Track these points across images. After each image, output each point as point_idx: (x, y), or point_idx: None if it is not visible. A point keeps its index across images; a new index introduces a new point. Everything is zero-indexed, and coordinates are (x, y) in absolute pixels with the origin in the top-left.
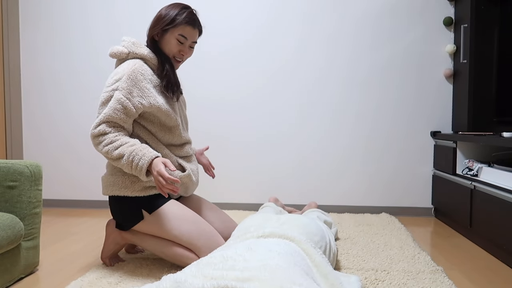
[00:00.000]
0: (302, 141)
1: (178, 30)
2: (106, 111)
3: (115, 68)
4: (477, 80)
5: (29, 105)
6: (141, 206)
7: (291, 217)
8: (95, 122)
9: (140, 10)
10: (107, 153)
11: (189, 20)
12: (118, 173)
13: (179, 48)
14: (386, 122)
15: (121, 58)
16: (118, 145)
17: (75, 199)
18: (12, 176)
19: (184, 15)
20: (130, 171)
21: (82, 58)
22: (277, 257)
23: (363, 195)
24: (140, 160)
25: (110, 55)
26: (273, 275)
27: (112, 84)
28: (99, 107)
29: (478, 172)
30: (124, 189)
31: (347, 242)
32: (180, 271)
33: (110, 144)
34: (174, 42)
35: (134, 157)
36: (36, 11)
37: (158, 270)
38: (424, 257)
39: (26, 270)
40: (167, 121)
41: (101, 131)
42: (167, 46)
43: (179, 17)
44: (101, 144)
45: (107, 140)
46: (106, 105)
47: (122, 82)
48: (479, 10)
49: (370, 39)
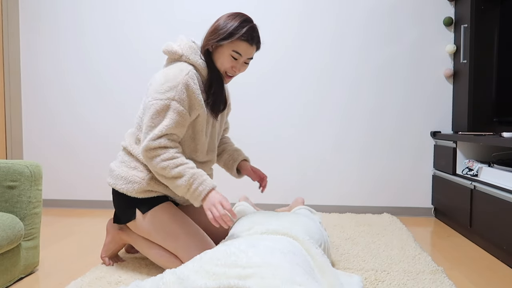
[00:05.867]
0: (302, 141)
1: (233, 46)
2: (168, 123)
3: (164, 67)
4: (477, 80)
5: (29, 105)
6: (136, 205)
7: (292, 215)
8: (154, 133)
9: (141, 10)
10: (164, 168)
11: (248, 37)
12: (126, 168)
13: (232, 64)
14: (386, 122)
15: (172, 58)
16: (178, 163)
17: (75, 199)
18: (12, 176)
19: (244, 30)
20: (184, 193)
21: (82, 58)
22: (279, 255)
23: (364, 195)
24: (201, 186)
25: (164, 52)
26: (275, 273)
27: (167, 92)
28: (152, 115)
29: (478, 172)
30: (126, 186)
31: (348, 243)
32: (183, 264)
33: (170, 160)
34: (227, 57)
35: (195, 181)
36: (36, 11)
37: (158, 270)
38: (425, 257)
39: (26, 270)
40: (197, 137)
41: (162, 145)
42: (219, 60)
43: (237, 32)
44: (159, 157)
45: (167, 155)
46: (162, 115)
47: (179, 92)
48: (479, 10)
49: (370, 39)
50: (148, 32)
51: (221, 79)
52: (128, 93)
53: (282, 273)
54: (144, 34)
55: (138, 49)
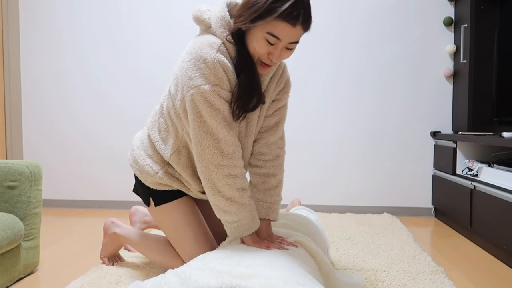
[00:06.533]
0: (302, 141)
1: (268, 27)
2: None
3: (197, 35)
4: (477, 80)
5: (29, 105)
6: (151, 194)
7: (296, 216)
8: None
9: (140, 11)
10: (228, 193)
11: (288, 15)
12: (143, 152)
13: (267, 49)
14: (386, 122)
15: (202, 28)
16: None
17: (75, 199)
18: (12, 176)
19: (285, 6)
20: (229, 230)
21: (82, 58)
22: (283, 256)
23: (364, 195)
24: (249, 230)
25: (194, 18)
26: (278, 273)
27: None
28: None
29: (478, 172)
30: (140, 174)
31: (348, 243)
32: (185, 264)
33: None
34: (261, 40)
35: (247, 225)
36: (36, 11)
37: (158, 270)
38: (425, 257)
39: (26, 270)
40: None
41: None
42: (252, 43)
43: (275, 9)
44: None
45: (243, 182)
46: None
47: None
48: (479, 10)
49: (370, 39)
50: (147, 35)
51: (252, 69)
52: (126, 93)
53: (285, 273)
54: (143, 36)
55: (137, 50)
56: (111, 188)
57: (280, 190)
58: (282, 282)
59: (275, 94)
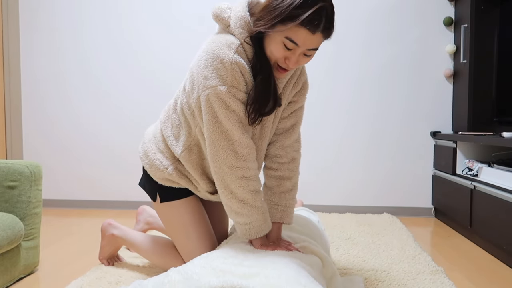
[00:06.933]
0: (302, 141)
1: (287, 32)
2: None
3: (216, 33)
4: (477, 80)
5: (29, 106)
6: (158, 189)
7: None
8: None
9: (140, 12)
10: (240, 194)
11: (309, 22)
12: (154, 146)
13: (284, 54)
14: (386, 122)
15: (221, 27)
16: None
17: (75, 199)
18: (12, 176)
19: (308, 13)
20: (240, 231)
21: (82, 59)
22: (286, 256)
23: (364, 195)
24: (260, 232)
25: (213, 16)
26: (280, 273)
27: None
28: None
29: (478, 172)
30: (149, 168)
31: (348, 243)
32: (189, 262)
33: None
34: (278, 44)
35: (258, 227)
36: (36, 12)
37: (158, 270)
38: (425, 257)
39: (26, 270)
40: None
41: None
42: (269, 46)
43: (298, 14)
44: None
45: (257, 184)
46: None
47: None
48: (479, 10)
49: (370, 39)
50: (147, 35)
51: (268, 73)
52: (126, 93)
53: (288, 273)
54: (143, 36)
55: (137, 51)
56: (111, 188)
57: (295, 193)
58: (284, 282)
59: (291, 96)
